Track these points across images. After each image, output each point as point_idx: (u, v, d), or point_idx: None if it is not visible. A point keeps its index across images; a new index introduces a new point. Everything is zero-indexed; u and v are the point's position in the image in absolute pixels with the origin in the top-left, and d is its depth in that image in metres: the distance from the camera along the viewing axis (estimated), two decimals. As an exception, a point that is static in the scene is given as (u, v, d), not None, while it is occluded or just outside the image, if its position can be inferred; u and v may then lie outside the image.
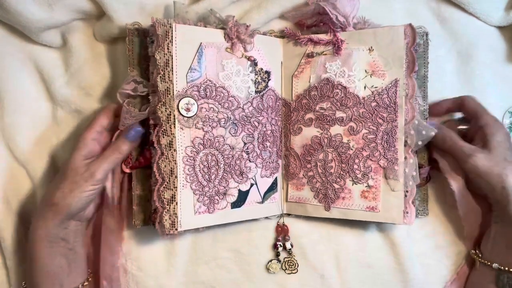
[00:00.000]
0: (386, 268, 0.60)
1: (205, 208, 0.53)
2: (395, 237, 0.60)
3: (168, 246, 0.59)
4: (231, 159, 0.54)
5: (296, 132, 0.58)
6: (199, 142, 0.52)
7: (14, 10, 0.53)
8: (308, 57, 0.57)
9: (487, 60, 0.61)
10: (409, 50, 0.53)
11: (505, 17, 0.59)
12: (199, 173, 0.52)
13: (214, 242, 0.59)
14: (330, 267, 0.60)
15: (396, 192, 0.54)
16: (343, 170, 0.56)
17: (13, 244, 0.58)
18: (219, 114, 0.53)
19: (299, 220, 0.61)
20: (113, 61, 0.59)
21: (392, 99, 0.54)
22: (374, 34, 0.54)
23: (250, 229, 0.60)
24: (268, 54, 0.57)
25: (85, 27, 0.59)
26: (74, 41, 0.58)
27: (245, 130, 0.55)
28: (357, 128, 0.55)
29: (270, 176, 0.58)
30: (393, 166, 0.54)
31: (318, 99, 0.57)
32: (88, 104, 0.59)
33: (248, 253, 0.60)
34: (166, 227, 0.50)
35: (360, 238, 0.60)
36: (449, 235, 0.62)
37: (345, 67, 0.56)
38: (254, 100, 0.56)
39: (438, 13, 0.60)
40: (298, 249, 0.60)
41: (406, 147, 0.54)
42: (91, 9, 0.56)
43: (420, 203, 0.59)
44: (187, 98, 0.51)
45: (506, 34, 0.61)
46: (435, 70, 0.59)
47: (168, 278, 0.59)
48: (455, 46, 0.61)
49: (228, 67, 0.54)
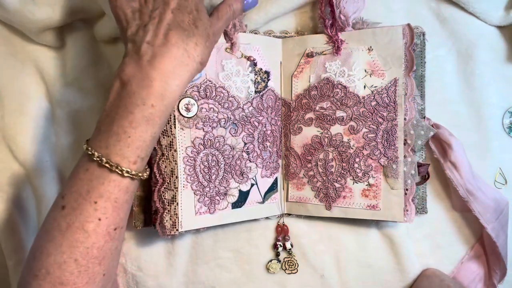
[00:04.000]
0: (386, 268, 0.60)
1: (206, 208, 0.53)
2: (395, 237, 0.60)
3: (168, 246, 0.59)
4: (232, 159, 0.54)
5: (296, 131, 0.58)
6: (200, 142, 0.52)
7: (14, 10, 0.53)
8: (308, 57, 0.57)
9: (487, 60, 0.61)
10: (408, 50, 0.53)
11: (505, 16, 0.60)
12: (199, 174, 0.52)
13: (214, 242, 0.59)
14: (330, 267, 0.60)
15: (396, 190, 0.55)
16: (344, 169, 0.56)
17: (13, 244, 0.58)
18: (219, 114, 0.53)
19: (299, 220, 0.61)
20: (113, 61, 0.59)
21: (392, 98, 0.54)
22: (373, 34, 0.54)
23: (250, 229, 0.60)
24: (267, 54, 0.57)
25: (85, 27, 0.59)
26: (74, 41, 0.58)
27: (245, 130, 0.55)
28: (358, 127, 0.56)
29: (271, 176, 0.58)
30: (393, 165, 0.54)
31: (318, 98, 0.57)
32: (88, 104, 0.59)
33: (248, 253, 0.60)
34: (167, 228, 0.50)
35: (360, 238, 0.60)
36: (449, 235, 0.62)
37: (345, 66, 0.56)
38: (254, 100, 0.56)
39: (438, 13, 0.60)
40: (298, 249, 0.60)
41: (405, 146, 0.54)
42: (91, 9, 0.56)
43: (419, 201, 0.59)
44: (187, 98, 0.51)
45: (506, 34, 0.61)
46: (435, 70, 0.60)
47: (168, 278, 0.59)
48: (455, 46, 0.61)
49: (227, 67, 0.54)
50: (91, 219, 0.38)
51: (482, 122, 0.61)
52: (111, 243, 0.40)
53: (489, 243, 0.60)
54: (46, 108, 0.59)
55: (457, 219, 0.62)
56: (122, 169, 0.39)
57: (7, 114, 0.58)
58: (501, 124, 0.62)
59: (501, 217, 0.59)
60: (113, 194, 0.39)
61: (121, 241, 0.42)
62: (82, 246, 0.38)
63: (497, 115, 0.62)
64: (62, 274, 0.38)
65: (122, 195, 0.40)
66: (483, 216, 0.58)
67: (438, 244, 0.62)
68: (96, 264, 0.39)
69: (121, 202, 0.40)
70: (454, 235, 0.62)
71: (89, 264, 0.39)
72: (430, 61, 0.59)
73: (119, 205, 0.40)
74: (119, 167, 0.39)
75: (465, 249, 0.62)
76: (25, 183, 0.59)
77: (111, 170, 0.39)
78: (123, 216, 0.41)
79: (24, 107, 0.59)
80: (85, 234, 0.38)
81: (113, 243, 0.41)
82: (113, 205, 0.39)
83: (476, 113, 0.61)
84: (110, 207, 0.39)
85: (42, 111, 0.59)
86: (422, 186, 0.59)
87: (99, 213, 0.39)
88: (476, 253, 0.62)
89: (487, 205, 0.58)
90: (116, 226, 0.40)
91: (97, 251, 0.39)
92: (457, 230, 0.62)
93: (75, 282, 0.38)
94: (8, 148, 0.59)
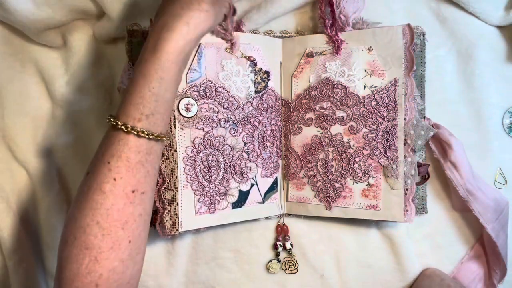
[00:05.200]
0: (386, 268, 0.60)
1: (206, 208, 0.53)
2: (395, 237, 0.60)
3: (168, 246, 0.59)
4: (232, 159, 0.54)
5: (296, 131, 0.58)
6: (200, 142, 0.52)
7: (14, 10, 0.53)
8: (308, 57, 0.57)
9: (487, 60, 0.61)
10: (408, 50, 0.53)
11: (505, 16, 0.60)
12: (199, 174, 0.52)
13: (214, 242, 0.59)
14: (330, 267, 0.60)
15: (396, 190, 0.54)
16: (344, 169, 0.56)
17: (13, 244, 0.58)
18: (219, 114, 0.53)
19: (299, 220, 0.61)
20: (113, 61, 0.59)
21: (392, 98, 0.54)
22: (373, 34, 0.54)
23: (250, 229, 0.60)
24: (267, 54, 0.57)
25: (85, 27, 0.59)
26: (74, 41, 0.58)
27: (245, 130, 0.55)
28: (358, 127, 0.56)
29: (271, 176, 0.58)
30: (393, 165, 0.54)
31: (318, 98, 0.57)
32: (88, 104, 0.59)
33: (248, 253, 0.60)
34: (167, 228, 0.50)
35: (360, 238, 0.60)
36: (449, 235, 0.62)
37: (345, 66, 0.56)
38: (254, 100, 0.56)
39: (438, 13, 0.60)
40: (298, 249, 0.60)
41: (405, 146, 0.54)
42: (91, 9, 0.56)
43: (419, 201, 0.59)
44: (187, 98, 0.51)
45: (506, 34, 0.61)
46: (435, 70, 0.60)
47: (168, 278, 0.59)
48: (455, 46, 0.61)
49: (228, 67, 0.54)
50: (107, 180, 0.39)
51: (482, 122, 0.61)
52: (132, 207, 0.40)
53: (489, 243, 0.60)
54: (46, 108, 0.59)
55: (457, 219, 0.62)
56: (128, 127, 0.40)
57: (7, 114, 0.58)
58: (501, 124, 0.62)
59: (501, 217, 0.59)
60: (124, 152, 0.40)
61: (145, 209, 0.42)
62: (102, 207, 0.39)
63: (497, 115, 0.62)
64: (86, 238, 0.39)
65: (132, 155, 0.40)
66: (483, 216, 0.58)
67: (438, 244, 0.62)
68: (118, 227, 0.40)
69: (134, 162, 0.40)
70: (454, 235, 0.62)
71: (111, 228, 0.39)
72: (430, 61, 0.59)
73: (132, 165, 0.40)
74: (125, 125, 0.40)
75: (465, 249, 0.62)
76: (25, 183, 0.59)
77: (117, 128, 0.40)
78: (140, 178, 0.41)
79: (24, 107, 0.59)
80: (103, 195, 0.39)
81: (135, 208, 0.41)
82: (126, 165, 0.40)
83: (476, 113, 0.61)
84: (123, 167, 0.40)
85: (42, 111, 0.59)
86: (422, 186, 0.59)
87: (113, 173, 0.40)
88: (476, 253, 0.62)
89: (487, 205, 0.58)
90: (134, 188, 0.40)
91: (117, 214, 0.39)
92: (457, 230, 0.62)
93: (100, 246, 0.39)
94: (8, 148, 0.59)
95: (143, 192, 0.41)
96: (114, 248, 0.39)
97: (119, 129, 0.40)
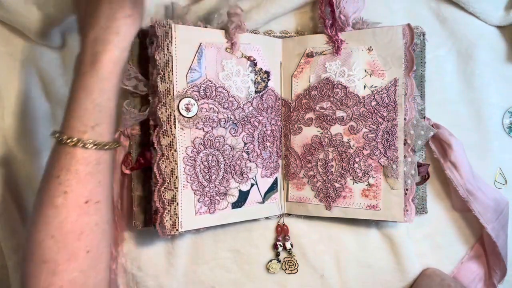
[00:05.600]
0: (386, 268, 0.60)
1: (206, 208, 0.53)
2: (395, 237, 0.60)
3: (168, 246, 0.59)
4: (232, 159, 0.54)
5: (296, 131, 0.58)
6: (200, 142, 0.52)
7: (14, 10, 0.53)
8: (308, 57, 0.57)
9: (487, 60, 0.61)
10: (408, 50, 0.53)
11: (505, 16, 0.60)
12: (199, 174, 0.52)
13: (214, 242, 0.59)
14: (330, 267, 0.61)
15: (396, 190, 0.55)
16: (344, 169, 0.56)
17: (13, 244, 0.57)
18: (219, 114, 0.53)
19: (299, 220, 0.61)
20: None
21: (392, 98, 0.54)
22: (373, 34, 0.54)
23: (250, 229, 0.60)
24: (267, 54, 0.57)
25: (85, 27, 0.59)
26: (74, 41, 0.58)
27: (245, 130, 0.55)
28: (358, 127, 0.56)
29: (271, 176, 0.58)
30: (393, 165, 0.54)
31: (318, 98, 0.57)
32: (88, 104, 0.59)
33: (248, 253, 0.60)
34: (167, 228, 0.50)
35: (360, 238, 0.60)
36: (449, 235, 0.62)
37: (345, 66, 0.56)
38: (254, 100, 0.56)
39: (438, 13, 0.60)
40: (298, 249, 0.60)
41: (405, 146, 0.54)
42: (91, 9, 0.56)
43: (419, 201, 0.59)
44: (187, 98, 0.51)
45: (506, 34, 0.61)
46: (435, 70, 0.60)
47: (168, 278, 0.59)
48: (455, 46, 0.61)
49: (228, 67, 0.54)
50: (58, 193, 0.40)
51: (482, 122, 0.61)
52: (87, 217, 0.41)
53: (489, 243, 0.60)
54: (46, 108, 0.59)
55: (457, 219, 0.62)
56: (73, 140, 0.40)
57: (8, 114, 0.58)
58: (501, 124, 0.62)
59: (501, 217, 0.59)
60: (72, 166, 0.40)
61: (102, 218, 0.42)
62: (55, 221, 0.39)
63: (497, 115, 0.62)
64: (43, 252, 0.39)
65: (81, 167, 0.41)
66: (483, 216, 0.58)
67: (438, 244, 0.62)
68: (74, 239, 0.40)
69: (84, 174, 0.41)
70: (454, 235, 0.62)
71: (67, 240, 0.39)
72: (430, 61, 0.59)
73: (82, 176, 0.41)
74: (71, 139, 0.40)
75: (465, 249, 0.62)
76: (25, 183, 0.59)
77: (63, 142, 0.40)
78: (92, 188, 0.41)
79: (24, 107, 0.59)
80: (55, 210, 0.40)
81: (90, 218, 0.41)
82: (75, 177, 0.40)
83: (476, 113, 0.61)
84: (73, 179, 0.40)
85: (42, 111, 0.59)
86: (422, 186, 0.59)
87: (64, 186, 0.40)
88: (476, 253, 0.62)
89: (487, 205, 0.58)
90: (87, 199, 0.41)
91: (71, 225, 0.40)
92: (457, 230, 0.62)
93: (56, 259, 0.39)
94: (8, 148, 0.59)
95: (97, 201, 0.42)
96: (72, 260, 0.40)
97: (65, 144, 0.40)
